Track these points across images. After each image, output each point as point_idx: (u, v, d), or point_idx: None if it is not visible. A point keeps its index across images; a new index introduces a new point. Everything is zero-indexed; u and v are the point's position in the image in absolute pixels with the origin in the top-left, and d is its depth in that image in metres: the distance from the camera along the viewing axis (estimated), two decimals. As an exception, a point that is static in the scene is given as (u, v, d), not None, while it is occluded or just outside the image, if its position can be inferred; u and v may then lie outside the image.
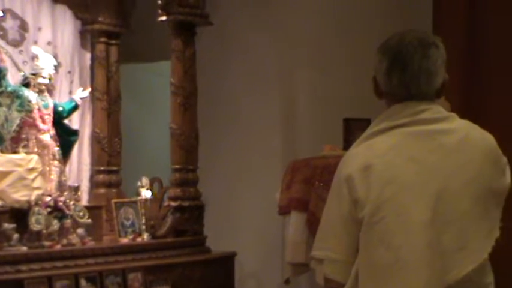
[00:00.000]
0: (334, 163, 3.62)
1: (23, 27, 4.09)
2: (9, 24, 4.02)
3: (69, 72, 4.26)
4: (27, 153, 3.85)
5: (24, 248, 3.52)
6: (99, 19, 4.30)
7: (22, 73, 4.00)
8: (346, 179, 1.99)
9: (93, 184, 4.29)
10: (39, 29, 4.15)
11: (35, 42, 4.10)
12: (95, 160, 4.30)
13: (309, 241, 3.80)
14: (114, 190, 4.28)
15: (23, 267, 3.41)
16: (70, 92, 4.24)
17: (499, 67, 4.10)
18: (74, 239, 3.76)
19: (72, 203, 3.82)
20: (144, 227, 4.08)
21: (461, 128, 1.93)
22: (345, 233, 1.98)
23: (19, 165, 3.74)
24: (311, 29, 4.78)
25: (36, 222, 3.62)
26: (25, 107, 3.90)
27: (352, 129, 4.04)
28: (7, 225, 3.53)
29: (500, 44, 4.12)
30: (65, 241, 3.73)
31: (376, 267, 1.87)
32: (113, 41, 4.36)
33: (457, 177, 1.84)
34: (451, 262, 1.82)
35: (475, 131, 1.93)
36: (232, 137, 5.00)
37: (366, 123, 3.92)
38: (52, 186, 3.94)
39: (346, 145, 4.03)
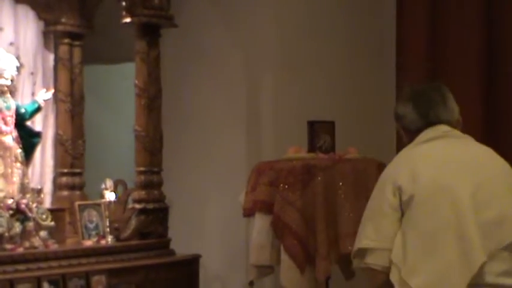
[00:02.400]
0: (299, 165, 3.85)
1: (-15, 27, 4.06)
2: (-30, 24, 4.00)
3: (32, 73, 4.23)
4: (-11, 155, 3.82)
5: (-14, 251, 3.50)
6: (63, 20, 4.27)
7: (-17, 74, 3.95)
8: (390, 176, 2.39)
9: (56, 186, 4.27)
10: (1, 29, 4.11)
11: (-3, 43, 4.07)
12: (58, 162, 4.28)
13: (273, 243, 3.84)
14: (77, 192, 4.26)
15: (-15, 271, 3.39)
16: (33, 94, 4.21)
17: (457, 70, 4.23)
18: (36, 241, 3.74)
19: (34, 205, 3.80)
20: (108, 229, 4.07)
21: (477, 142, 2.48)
22: (387, 222, 2.33)
23: (-20, 168, 3.72)
24: (276, 31, 4.82)
25: (-3, 224, 3.59)
26: (-14, 108, 3.87)
27: (317, 132, 4.07)
28: (-32, 228, 3.51)
29: (459, 48, 4.24)
30: (27, 244, 3.71)
31: (425, 234, 2.25)
32: (77, 42, 4.34)
33: (489, 171, 2.33)
34: (494, 231, 2.25)
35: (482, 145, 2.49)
36: (197, 139, 5.01)
37: (330, 125, 4.15)
38: (14, 188, 3.91)
39: (311, 147, 4.07)
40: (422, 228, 2.27)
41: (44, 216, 3.82)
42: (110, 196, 4.16)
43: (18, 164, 3.95)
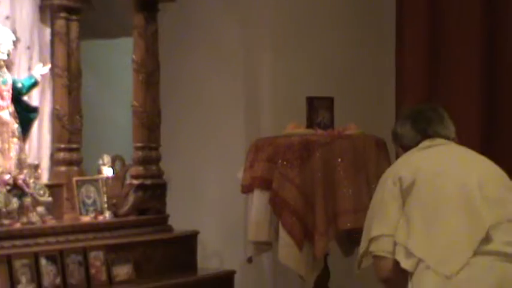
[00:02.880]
0: (297, 141, 3.86)
1: (-21, 1, 4.02)
2: (-36, -3, 3.96)
3: (29, 47, 4.19)
4: (-15, 130, 3.80)
5: (-17, 227, 3.49)
6: (59, -6, 4.24)
7: (-22, 48, 3.92)
8: (391, 172, 2.49)
9: (54, 162, 4.25)
10: (-3, 2, 4.07)
11: (-7, 17, 4.03)
12: (56, 138, 4.26)
13: (271, 220, 3.86)
14: (75, 168, 4.24)
15: (-18, 246, 3.38)
16: (29, 68, 4.17)
17: (459, 68, 4.27)
18: (33, 217, 3.73)
19: (32, 181, 3.79)
20: (105, 205, 4.07)
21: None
22: (388, 210, 2.38)
23: (-23, 143, 3.71)
24: (275, 7, 4.80)
25: (-5, 200, 3.59)
26: (-18, 83, 3.85)
27: (316, 108, 4.07)
28: (-35, 204, 3.51)
29: (460, 45, 4.28)
30: (24, 219, 3.70)
31: (428, 205, 2.31)
32: (74, 17, 4.30)
33: (489, 169, 2.44)
34: (498, 206, 2.32)
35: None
36: (195, 115, 5.00)
37: (329, 101, 4.16)
38: (11, 164, 3.89)
39: (310, 123, 4.07)
40: (424, 201, 2.32)
41: (42, 192, 3.81)
42: (107, 172, 4.16)
43: (15, 139, 3.93)
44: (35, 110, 4.14)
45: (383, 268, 2.36)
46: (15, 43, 4.02)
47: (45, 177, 4.17)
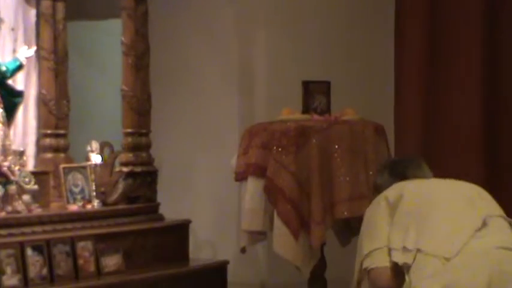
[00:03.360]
0: (293, 127, 3.84)
1: (-38, -20, 3.99)
2: None
3: (13, 29, 4.18)
4: (-31, 115, 3.79)
5: (-33, 215, 3.48)
6: (45, -27, 4.21)
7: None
8: (380, 196, 2.54)
9: (40, 148, 4.25)
10: (-20, -18, 4.04)
11: (-25, -3, 4.00)
12: (42, 123, 4.25)
13: (266, 208, 3.85)
14: (62, 155, 4.23)
15: (-34, 235, 3.37)
16: (14, 51, 4.16)
17: (457, 68, 4.28)
18: (19, 206, 3.72)
19: (17, 168, 3.77)
20: (94, 193, 4.07)
21: None
22: (379, 226, 2.44)
23: (-40, 128, 3.69)
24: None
25: (-22, 188, 3.58)
26: (-35, 65, 3.83)
27: (312, 92, 4.06)
28: None
29: (459, 46, 4.29)
30: (9, 208, 3.69)
31: (421, 205, 2.43)
32: (60, -3, 4.28)
33: (473, 191, 2.53)
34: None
35: None
36: (187, 99, 4.99)
37: (325, 85, 4.14)
38: (-5, 150, 3.88)
39: (305, 109, 4.06)
40: (414, 205, 2.41)
41: (27, 180, 3.79)
42: (95, 159, 4.15)
43: (0, 125, 3.90)
44: (19, 95, 4.12)
45: (380, 278, 2.41)
46: (-1, 24, 4.01)
47: (30, 165, 4.16)
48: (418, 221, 2.38)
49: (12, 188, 3.72)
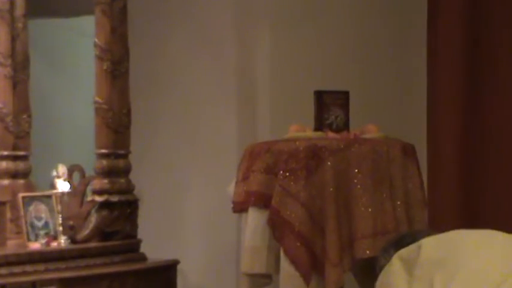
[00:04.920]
0: (303, 147, 3.84)
1: None
2: None
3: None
4: None
5: None
6: (1, -40, 4.22)
7: None
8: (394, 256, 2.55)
9: (-5, 174, 4.24)
10: None
11: None
12: (-3, 143, 4.24)
13: (271, 246, 3.86)
14: (21, 181, 4.22)
15: None
16: (-38, 55, 4.16)
17: (502, 78, 4.34)
18: (-31, 244, 3.71)
19: (-34, 198, 3.78)
20: (60, 228, 4.06)
21: None
22: (400, 282, 2.46)
23: None
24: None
25: None
26: None
27: (326, 105, 4.07)
28: None
29: (503, 51, 4.35)
30: (-42, 246, 3.68)
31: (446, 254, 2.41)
32: (20, -10, 4.29)
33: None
34: None
35: None
36: (175, 114, 5.01)
37: (343, 96, 4.14)
38: None
39: (318, 124, 4.07)
40: (440, 251, 2.43)
41: (-21, 212, 3.80)
42: (63, 186, 4.15)
43: None
44: (-29, 108, 4.12)
45: None
46: None
47: (-17, 193, 4.15)
48: (445, 270, 2.36)
49: (-39, 222, 3.72)
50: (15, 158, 4.24)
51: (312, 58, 4.83)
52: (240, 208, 3.99)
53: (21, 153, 4.26)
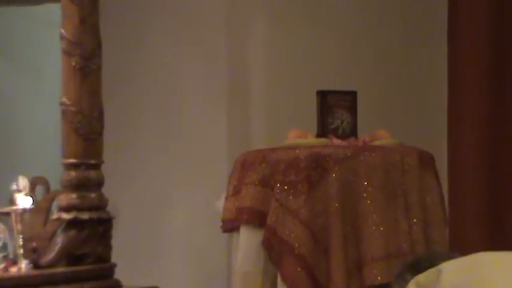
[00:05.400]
0: (303, 156, 3.88)
1: None
2: None
3: None
4: None
5: None
6: None
7: None
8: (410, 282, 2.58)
9: None
10: None
11: None
12: None
13: (266, 270, 3.89)
14: (-24, 196, 4.22)
15: None
16: None
17: None
18: None
19: None
20: (21, 251, 4.02)
21: None
22: None
23: None
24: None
25: None
26: None
27: (331, 107, 4.11)
28: None
29: None
30: None
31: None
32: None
33: None
34: None
35: None
36: (154, 118, 5.02)
37: (350, 97, 4.16)
38: None
39: (321, 130, 4.11)
40: (463, 275, 2.45)
41: None
42: (24, 201, 4.10)
43: None
44: None
45: None
46: None
47: None
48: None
49: None
50: (-32, 170, 4.26)
51: (313, 54, 4.86)
52: (230, 227, 4.02)
53: (-24, 163, 4.28)
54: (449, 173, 4.43)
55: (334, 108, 4.11)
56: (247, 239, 3.92)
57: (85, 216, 4.11)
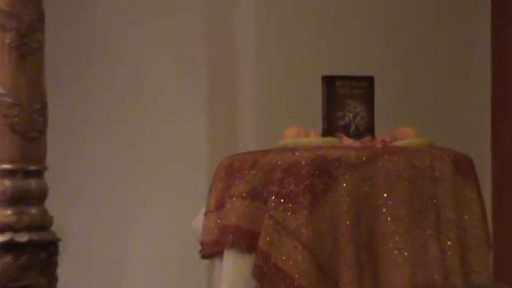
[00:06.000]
0: (306, 161, 3.87)
1: None
2: None
3: None
4: None
5: None
6: None
7: None
8: None
9: None
10: None
11: None
12: None
13: (257, 306, 3.92)
14: None
15: None
16: None
17: None
18: None
19: None
20: None
21: None
22: None
23: None
24: None
25: None
26: None
27: (341, 96, 4.10)
28: None
29: None
30: None
31: None
32: None
33: None
34: None
35: None
36: (113, 113, 5.06)
37: (365, 84, 4.23)
38: None
39: (329, 126, 4.09)
40: None
41: None
42: None
43: None
44: None
45: None
46: None
47: None
48: None
49: None
50: None
51: (318, 32, 4.91)
52: (211, 251, 3.99)
53: None
54: (494, 182, 4.43)
55: (345, 98, 4.09)
56: (233, 267, 3.89)
57: (23, 238, 4.09)
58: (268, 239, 3.79)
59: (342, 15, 4.96)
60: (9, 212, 4.03)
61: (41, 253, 4.11)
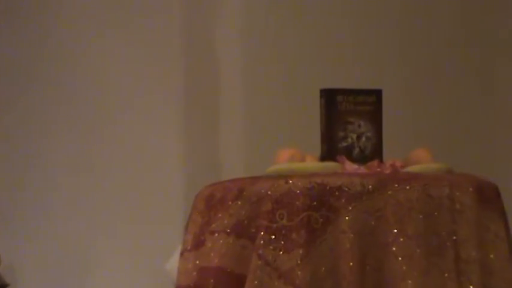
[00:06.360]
0: (301, 189, 3.83)
1: None
2: None
3: None
4: None
5: None
6: None
7: None
8: None
9: None
10: None
11: None
12: None
13: None
14: None
15: None
16: None
17: None
18: None
19: None
20: None
21: None
22: None
23: None
24: None
25: None
26: None
27: (342, 113, 4.06)
28: None
29: None
30: None
31: None
32: None
33: None
34: None
35: None
36: (71, 128, 5.01)
37: (372, 98, 4.27)
38: None
39: (329, 149, 4.03)
40: None
41: None
42: None
43: None
44: None
45: None
46: None
47: None
48: None
49: None
50: None
51: (318, 38, 4.91)
52: None
53: None
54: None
55: (348, 115, 4.06)
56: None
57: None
58: (256, 282, 3.69)
59: (345, 17, 4.98)
60: None
61: (-17, 301, 4.13)
